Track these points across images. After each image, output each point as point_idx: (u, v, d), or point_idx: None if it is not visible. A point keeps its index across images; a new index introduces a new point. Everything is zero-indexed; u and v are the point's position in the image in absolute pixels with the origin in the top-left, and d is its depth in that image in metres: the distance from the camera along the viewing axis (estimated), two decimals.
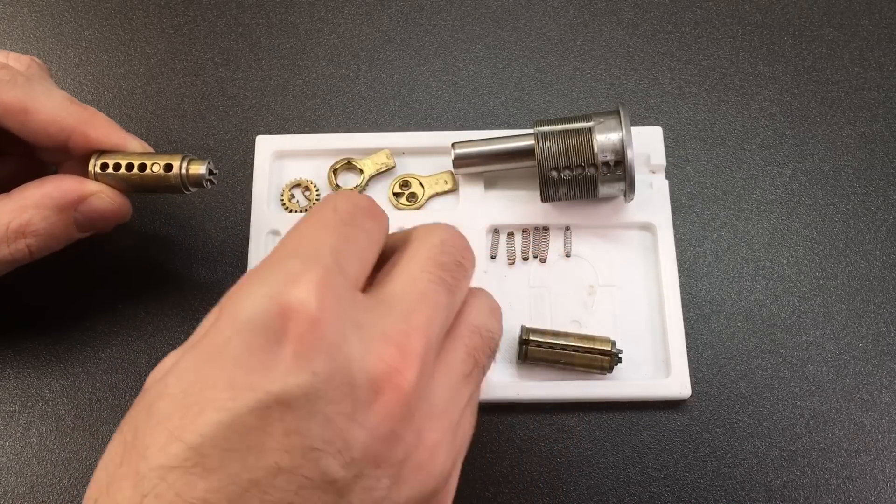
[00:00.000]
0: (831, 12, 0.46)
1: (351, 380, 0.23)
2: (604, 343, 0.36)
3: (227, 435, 0.21)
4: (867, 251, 0.40)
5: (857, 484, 0.36)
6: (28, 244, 0.33)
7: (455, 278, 0.27)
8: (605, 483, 0.36)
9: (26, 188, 0.33)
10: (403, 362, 0.24)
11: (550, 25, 0.46)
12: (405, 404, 0.23)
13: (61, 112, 0.33)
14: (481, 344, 0.28)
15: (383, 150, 0.41)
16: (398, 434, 0.23)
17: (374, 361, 0.23)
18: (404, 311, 0.25)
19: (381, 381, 0.23)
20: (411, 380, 0.24)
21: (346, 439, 0.22)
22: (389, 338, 0.24)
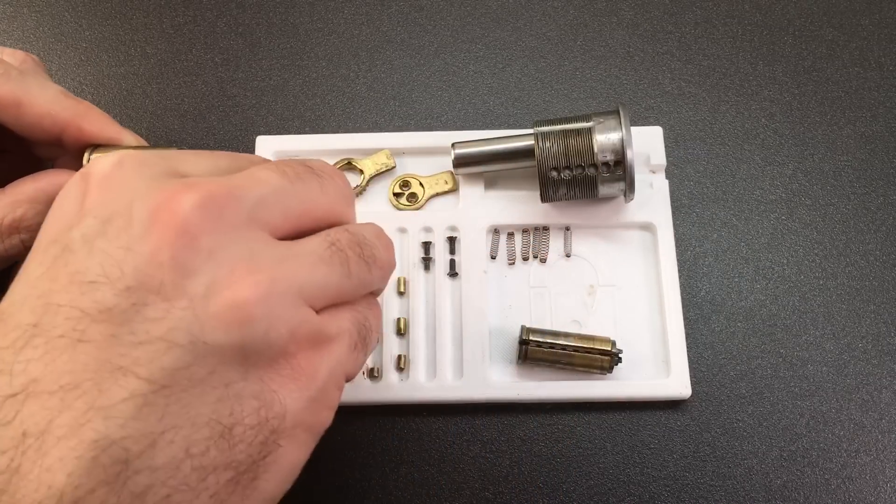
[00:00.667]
0: (831, 12, 0.46)
1: (129, 214, 0.23)
2: (604, 343, 0.36)
3: (21, 289, 0.23)
4: (867, 251, 0.40)
5: (857, 484, 0.36)
6: (22, 239, 0.33)
7: (297, 172, 0.26)
8: (605, 483, 0.36)
9: (20, 183, 0.33)
10: (185, 189, 0.23)
11: (550, 25, 0.46)
12: (183, 230, 0.23)
13: (55, 105, 0.33)
14: (349, 239, 0.27)
15: (383, 151, 0.41)
16: (185, 264, 0.23)
17: (155, 196, 0.23)
18: (220, 175, 0.25)
19: (159, 210, 0.23)
20: (185, 206, 0.23)
21: (122, 268, 0.22)
22: (190, 184, 0.24)
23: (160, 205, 0.23)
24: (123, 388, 0.21)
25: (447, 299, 0.38)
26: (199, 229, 0.23)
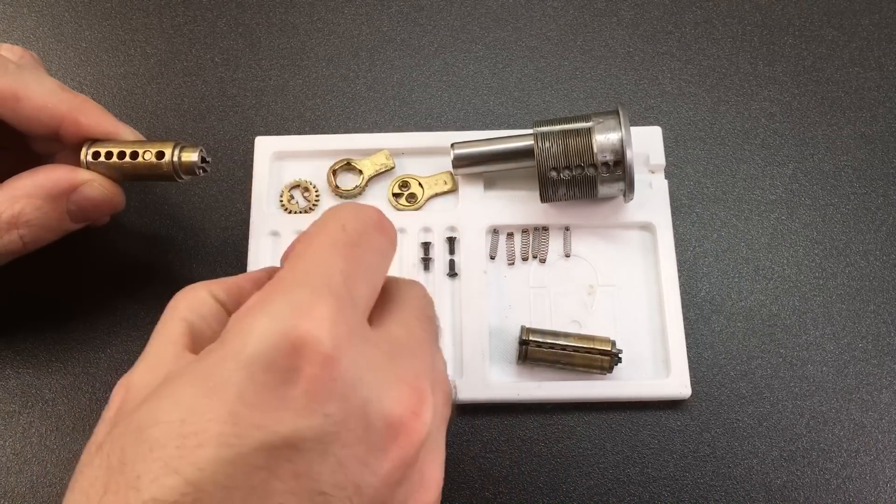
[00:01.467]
0: (831, 12, 0.46)
1: (367, 423, 0.22)
2: (604, 343, 0.36)
3: (230, 472, 0.20)
4: (867, 251, 0.40)
5: (857, 484, 0.36)
6: (21, 235, 0.33)
7: (436, 335, 0.28)
8: (605, 483, 0.36)
9: (17, 178, 0.33)
10: (420, 405, 0.23)
11: (550, 25, 0.46)
12: (419, 449, 0.23)
13: (52, 99, 0.33)
14: (449, 394, 0.28)
15: (383, 151, 0.41)
16: (406, 477, 0.23)
17: (390, 404, 0.22)
18: (410, 355, 0.24)
19: (398, 425, 0.22)
20: (426, 423, 0.23)
21: (358, 485, 0.21)
22: (403, 379, 0.23)
23: (401, 421, 0.22)
24: None
25: (447, 300, 0.38)
26: (423, 444, 0.23)
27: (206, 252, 0.40)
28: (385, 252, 0.26)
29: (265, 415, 0.20)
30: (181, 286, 0.40)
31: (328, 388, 0.21)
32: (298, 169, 0.41)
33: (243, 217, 0.41)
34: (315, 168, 0.41)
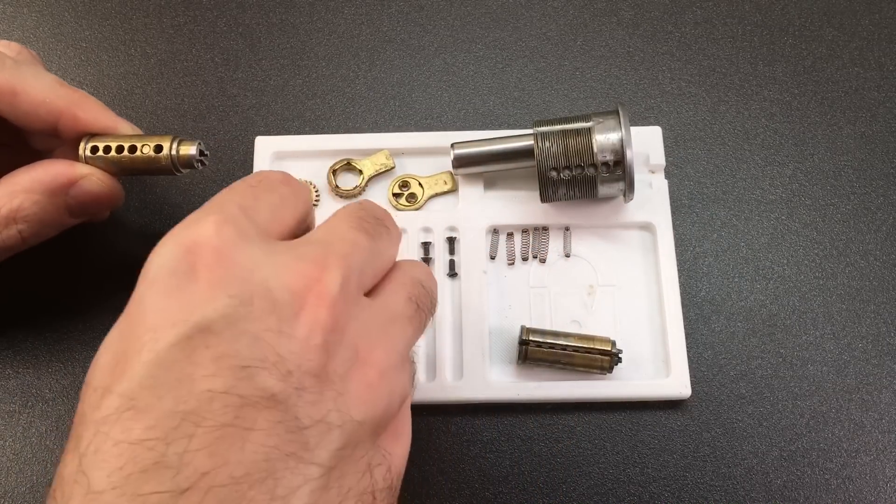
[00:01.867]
0: (831, 12, 0.46)
1: (271, 296, 0.23)
2: (604, 343, 0.36)
3: (155, 373, 0.21)
4: (867, 251, 0.40)
5: (857, 484, 0.36)
6: (20, 230, 0.33)
7: (375, 228, 0.27)
8: (605, 483, 0.36)
9: (16, 174, 0.33)
10: (322, 272, 0.24)
11: (550, 25, 0.46)
12: (331, 312, 0.23)
13: (50, 94, 0.33)
14: (422, 292, 0.28)
15: (383, 151, 0.41)
16: (331, 346, 0.23)
17: (292, 277, 0.23)
18: (322, 244, 0.25)
19: (303, 292, 0.23)
20: (333, 288, 0.24)
21: (279, 352, 0.22)
22: (305, 258, 0.24)
23: (306, 286, 0.23)
24: (298, 475, 0.21)
25: (447, 300, 0.38)
26: (343, 310, 0.24)
27: None
28: (287, 197, 0.27)
29: (175, 312, 0.22)
30: None
31: (226, 275, 0.23)
32: (298, 169, 0.41)
33: None
34: (315, 168, 0.41)
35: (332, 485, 0.22)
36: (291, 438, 0.21)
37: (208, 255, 0.23)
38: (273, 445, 0.21)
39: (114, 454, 0.20)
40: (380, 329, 0.25)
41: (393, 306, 0.27)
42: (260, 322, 0.22)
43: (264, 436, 0.21)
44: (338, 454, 0.22)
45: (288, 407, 0.22)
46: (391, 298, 0.27)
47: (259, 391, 0.21)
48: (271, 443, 0.21)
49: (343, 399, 0.23)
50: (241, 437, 0.21)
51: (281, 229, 0.26)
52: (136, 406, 0.21)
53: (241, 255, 0.23)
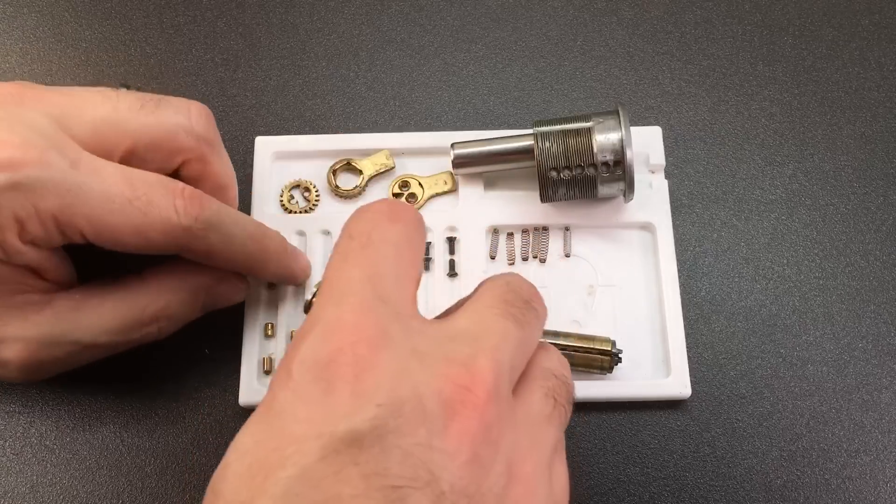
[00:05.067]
0: (831, 12, 0.46)
1: (420, 405, 0.21)
2: (604, 343, 0.36)
3: (300, 491, 0.20)
4: (867, 251, 0.40)
5: (857, 484, 0.36)
6: (160, 328, 0.33)
7: (524, 314, 0.26)
8: (605, 483, 0.36)
9: (162, 272, 0.33)
10: (474, 380, 0.22)
11: (550, 25, 0.46)
12: (483, 423, 0.22)
13: (241, 255, 0.33)
14: (559, 385, 0.27)
15: (383, 151, 0.41)
16: (484, 460, 0.22)
17: (442, 383, 0.22)
18: (470, 338, 0.24)
19: (454, 401, 0.21)
20: (484, 397, 0.22)
21: (431, 470, 0.20)
22: (454, 360, 0.22)
23: (456, 393, 0.22)
24: None
25: (447, 300, 0.38)
26: (495, 419, 0.22)
27: None
28: (401, 240, 0.25)
29: (320, 424, 0.20)
30: None
31: (373, 382, 0.21)
32: (299, 169, 0.41)
33: None
34: (315, 168, 0.41)
35: None
36: None
37: (351, 360, 0.21)
38: None
39: None
40: (527, 435, 0.24)
41: (534, 406, 0.25)
42: (410, 436, 0.21)
43: None
44: None
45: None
46: (530, 398, 0.25)
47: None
48: None
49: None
50: None
51: (412, 289, 0.25)
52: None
53: (386, 355, 0.22)
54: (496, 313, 0.25)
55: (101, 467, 0.36)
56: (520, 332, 0.25)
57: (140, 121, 0.31)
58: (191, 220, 0.30)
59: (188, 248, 0.31)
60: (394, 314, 0.23)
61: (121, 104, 0.31)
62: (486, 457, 0.22)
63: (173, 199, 0.30)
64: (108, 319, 0.32)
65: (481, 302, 0.26)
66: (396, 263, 0.25)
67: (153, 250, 0.30)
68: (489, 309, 0.25)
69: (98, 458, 0.36)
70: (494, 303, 0.26)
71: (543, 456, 0.24)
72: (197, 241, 0.31)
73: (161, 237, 0.30)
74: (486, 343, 0.24)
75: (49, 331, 0.31)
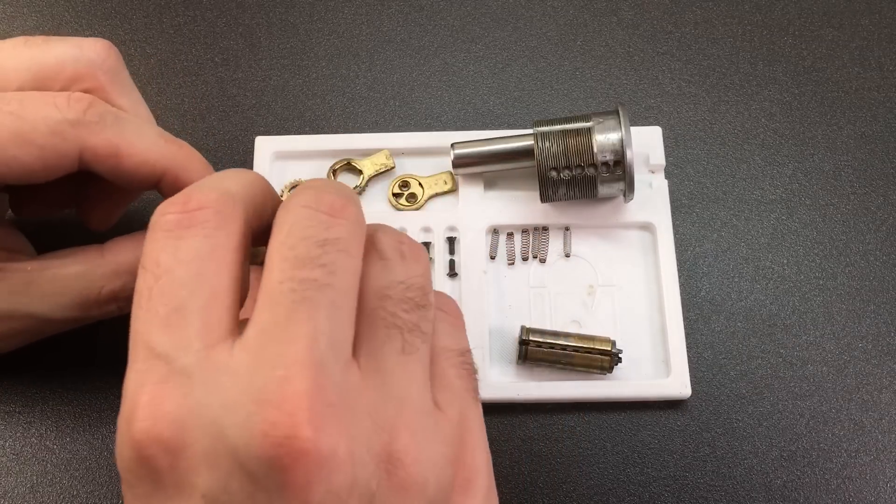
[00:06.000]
0: (831, 12, 0.46)
1: (248, 477, 0.19)
2: (604, 343, 0.36)
3: None
4: (867, 251, 0.40)
5: (857, 484, 0.36)
6: (119, 306, 0.31)
7: (323, 264, 0.22)
8: (605, 483, 0.36)
9: (120, 248, 0.31)
10: (292, 418, 0.19)
11: (550, 25, 0.46)
12: (320, 464, 0.19)
13: (153, 152, 0.30)
14: (394, 304, 0.24)
15: (383, 151, 0.41)
16: (342, 492, 0.20)
17: (259, 441, 0.19)
18: (275, 349, 0.21)
19: (280, 457, 0.19)
20: (310, 432, 0.19)
21: None
22: (265, 400, 0.20)
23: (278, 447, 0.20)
24: None
25: None
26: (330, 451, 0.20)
27: None
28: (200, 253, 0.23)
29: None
30: None
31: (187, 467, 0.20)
32: (298, 169, 0.41)
33: None
34: (315, 168, 0.41)
35: None
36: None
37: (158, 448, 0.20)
38: None
39: None
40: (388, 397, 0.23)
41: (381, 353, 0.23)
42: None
43: None
44: None
45: None
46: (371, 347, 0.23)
47: None
48: None
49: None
50: None
51: (217, 322, 0.22)
52: None
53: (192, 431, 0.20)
54: (291, 289, 0.22)
55: (101, 467, 0.36)
56: (327, 292, 0.22)
57: (24, 55, 0.29)
58: (77, 113, 0.28)
59: (91, 150, 0.28)
60: (196, 360, 0.21)
61: (6, 44, 0.30)
62: (343, 487, 0.20)
63: (52, 100, 0.28)
64: (62, 297, 0.30)
65: (272, 278, 0.22)
66: (196, 287, 0.22)
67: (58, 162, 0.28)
68: (282, 286, 0.22)
69: (98, 458, 0.36)
70: (285, 273, 0.22)
71: (418, 402, 0.23)
72: (96, 137, 0.28)
73: (50, 140, 0.27)
74: (293, 347, 0.21)
75: (1, 304, 0.30)
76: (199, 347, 0.21)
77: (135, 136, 0.30)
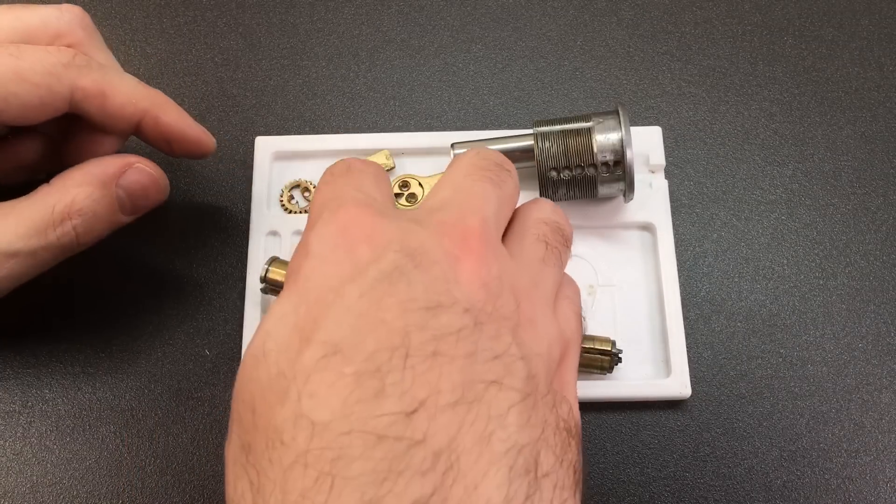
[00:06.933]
0: (831, 12, 0.46)
1: (428, 254, 0.24)
2: (604, 343, 0.36)
3: (350, 321, 0.23)
4: (867, 251, 0.40)
5: (857, 484, 0.36)
6: (74, 226, 0.32)
7: (498, 174, 0.29)
8: (605, 483, 0.36)
9: (67, 172, 0.33)
10: (466, 233, 0.26)
11: (550, 25, 0.46)
12: (484, 264, 0.25)
13: (135, 94, 0.33)
14: (550, 230, 0.29)
15: (383, 151, 0.41)
16: (492, 288, 0.25)
17: (440, 238, 0.25)
18: (455, 205, 0.27)
19: (455, 249, 0.25)
20: (479, 245, 0.25)
21: (453, 295, 0.24)
22: (446, 223, 0.26)
23: (455, 246, 0.25)
24: (503, 400, 0.23)
25: None
26: (490, 261, 0.26)
27: (207, 252, 0.40)
28: (376, 170, 0.29)
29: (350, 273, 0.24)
30: (181, 287, 0.40)
31: (385, 240, 0.24)
32: (299, 169, 0.41)
33: (243, 217, 0.41)
34: (315, 168, 0.41)
35: (530, 412, 0.23)
36: (488, 368, 0.23)
37: (361, 229, 0.25)
38: (475, 372, 0.23)
39: (332, 393, 0.21)
40: (525, 275, 0.27)
41: (526, 250, 0.28)
42: (428, 273, 0.24)
43: (464, 365, 0.22)
44: (528, 383, 0.24)
45: (476, 340, 0.23)
46: (521, 243, 0.29)
47: (448, 327, 0.23)
48: (472, 370, 0.22)
49: (517, 334, 0.24)
50: (447, 367, 0.22)
51: (391, 198, 0.29)
52: (341, 350, 0.22)
53: (388, 223, 0.25)
54: (473, 179, 0.28)
55: (101, 467, 0.36)
56: (497, 190, 0.28)
57: (10, 15, 0.33)
58: (68, 55, 0.32)
59: (81, 90, 0.32)
60: (385, 206, 0.27)
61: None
62: (493, 286, 0.25)
63: (44, 48, 0.32)
64: (16, 223, 0.32)
65: (457, 172, 0.29)
66: (377, 183, 0.28)
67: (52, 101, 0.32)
68: (466, 177, 0.28)
69: (98, 458, 0.36)
70: (469, 170, 0.29)
71: (544, 292, 0.28)
72: (84, 78, 0.32)
73: (45, 78, 0.31)
74: (469, 205, 0.27)
75: None
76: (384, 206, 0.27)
77: (117, 80, 0.33)
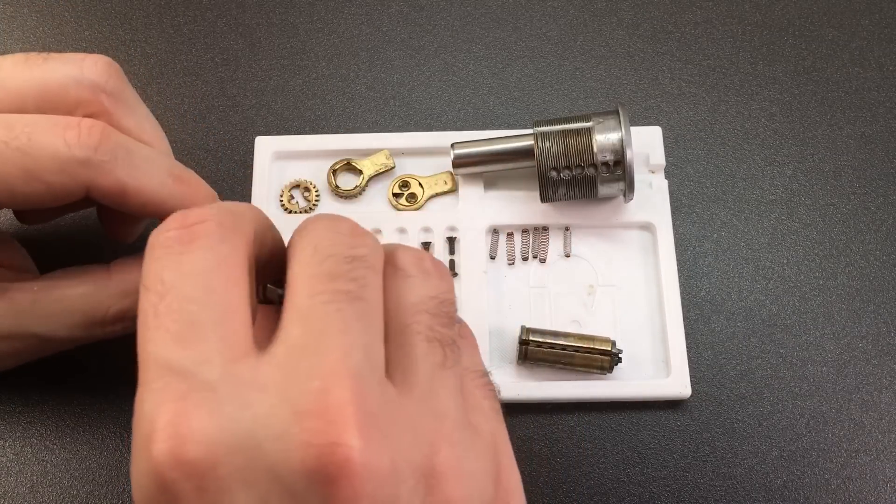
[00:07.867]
0: (831, 12, 0.46)
1: (289, 493, 0.19)
2: (604, 343, 0.36)
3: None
4: (867, 251, 0.40)
5: (857, 484, 0.36)
6: (125, 326, 0.31)
7: (354, 278, 0.22)
8: (605, 483, 0.36)
9: (127, 268, 0.31)
10: (336, 427, 0.19)
11: (550, 25, 0.46)
12: (370, 473, 0.19)
13: (162, 193, 0.29)
14: (431, 319, 0.24)
15: (383, 151, 0.41)
16: (393, 489, 0.19)
17: (302, 452, 0.18)
18: (311, 360, 0.20)
19: (325, 467, 0.18)
20: (359, 442, 0.19)
21: None
22: (305, 411, 0.19)
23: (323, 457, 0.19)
24: None
25: None
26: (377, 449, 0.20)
27: None
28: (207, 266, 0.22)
29: None
30: None
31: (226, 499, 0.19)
32: (299, 169, 0.41)
33: None
34: (315, 168, 0.41)
35: None
36: None
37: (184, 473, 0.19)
38: None
39: None
40: (425, 416, 0.22)
41: (420, 367, 0.23)
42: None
43: None
44: None
45: None
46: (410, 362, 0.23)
47: None
48: None
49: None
50: None
51: (236, 333, 0.21)
52: None
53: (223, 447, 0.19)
54: (324, 302, 0.21)
55: (101, 467, 0.36)
56: (359, 305, 0.22)
57: (23, 75, 0.28)
58: (88, 150, 0.27)
59: (99, 189, 0.28)
60: (220, 375, 0.20)
61: (4, 62, 0.28)
62: (389, 484, 0.19)
63: (62, 132, 0.27)
64: (68, 317, 0.30)
65: (301, 294, 0.22)
66: (207, 301, 0.21)
67: (64, 197, 0.27)
68: (313, 300, 0.21)
69: (98, 458, 0.36)
70: (315, 288, 0.22)
71: (456, 413, 0.22)
72: (104, 178, 0.27)
73: (58, 178, 0.26)
74: (329, 358, 0.20)
75: (4, 324, 0.30)
76: (220, 362, 0.20)
77: (144, 176, 0.29)
